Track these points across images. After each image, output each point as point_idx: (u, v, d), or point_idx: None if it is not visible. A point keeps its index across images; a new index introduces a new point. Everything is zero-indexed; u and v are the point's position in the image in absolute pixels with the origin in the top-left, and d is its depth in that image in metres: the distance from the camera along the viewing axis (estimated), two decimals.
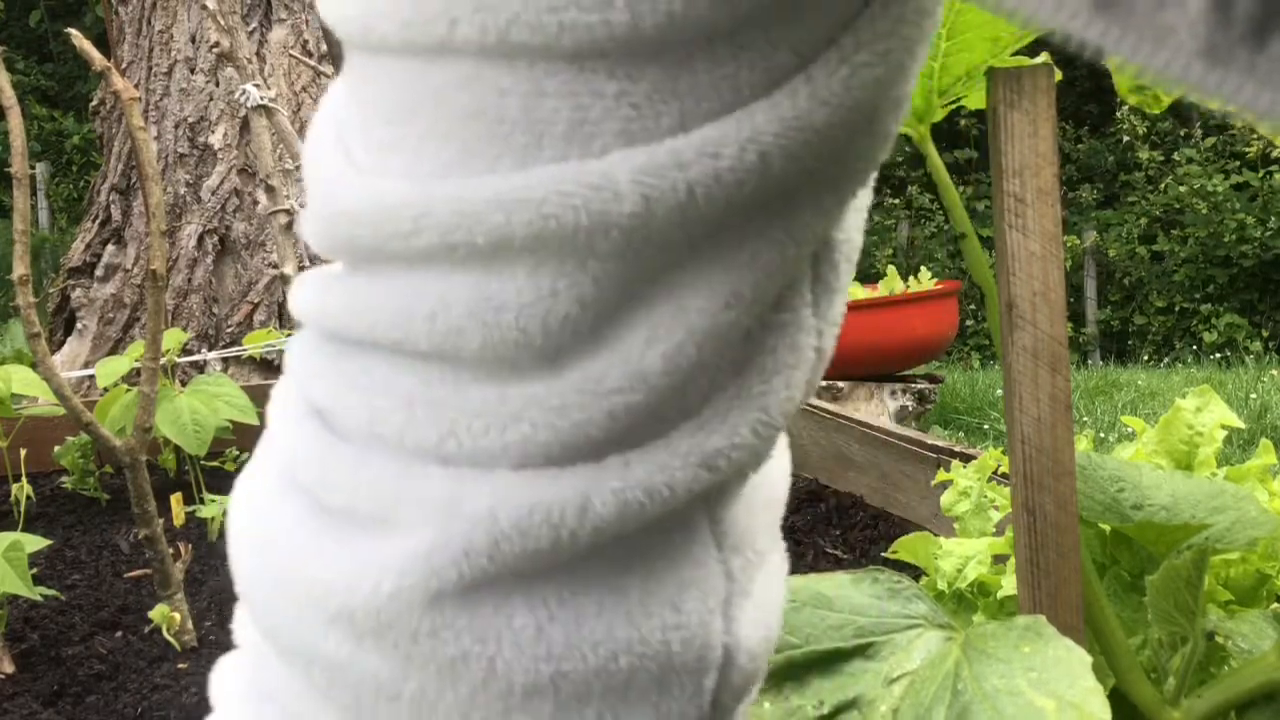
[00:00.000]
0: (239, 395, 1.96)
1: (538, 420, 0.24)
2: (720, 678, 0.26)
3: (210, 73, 3.42)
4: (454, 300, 0.23)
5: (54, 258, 7.17)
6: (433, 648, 0.24)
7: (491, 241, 0.23)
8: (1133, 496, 0.86)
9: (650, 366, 0.24)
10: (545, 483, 0.24)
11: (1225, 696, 0.74)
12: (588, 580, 0.25)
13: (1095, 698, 0.58)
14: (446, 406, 0.24)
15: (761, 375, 0.25)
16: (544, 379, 0.24)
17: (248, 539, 0.28)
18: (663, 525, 0.25)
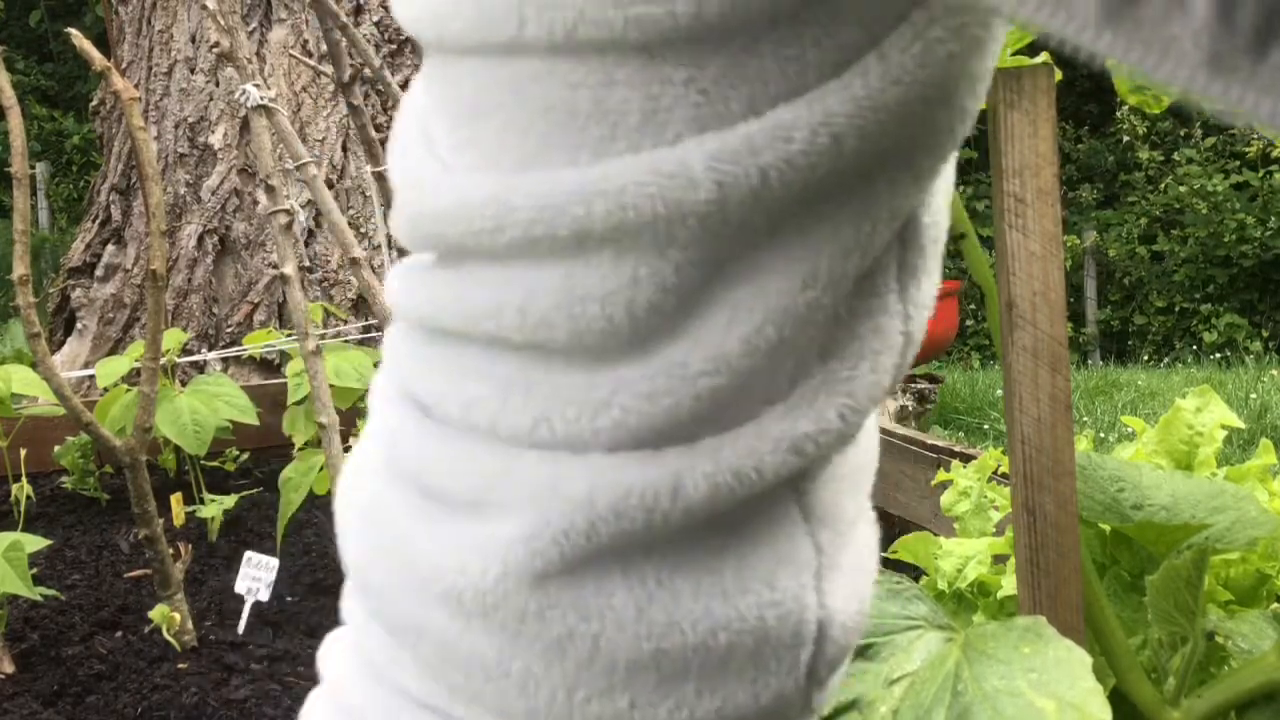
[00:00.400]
0: (239, 395, 1.96)
1: (628, 405, 0.24)
2: (815, 651, 0.27)
3: (210, 73, 3.42)
4: (541, 292, 0.24)
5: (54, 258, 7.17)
6: (539, 628, 0.25)
7: (573, 233, 0.23)
8: (1133, 496, 0.86)
9: (731, 349, 0.24)
10: (639, 465, 0.24)
11: (1225, 696, 0.74)
12: (684, 560, 0.26)
13: (1095, 698, 0.58)
14: (539, 394, 0.25)
15: (847, 360, 0.25)
16: (632, 364, 0.24)
17: (357, 522, 0.28)
18: (753, 505, 0.26)
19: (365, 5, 3.53)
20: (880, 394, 0.26)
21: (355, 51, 2.22)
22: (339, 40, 2.22)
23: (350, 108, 2.32)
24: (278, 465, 2.44)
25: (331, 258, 3.32)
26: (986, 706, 0.60)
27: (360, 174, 3.39)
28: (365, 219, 3.38)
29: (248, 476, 2.44)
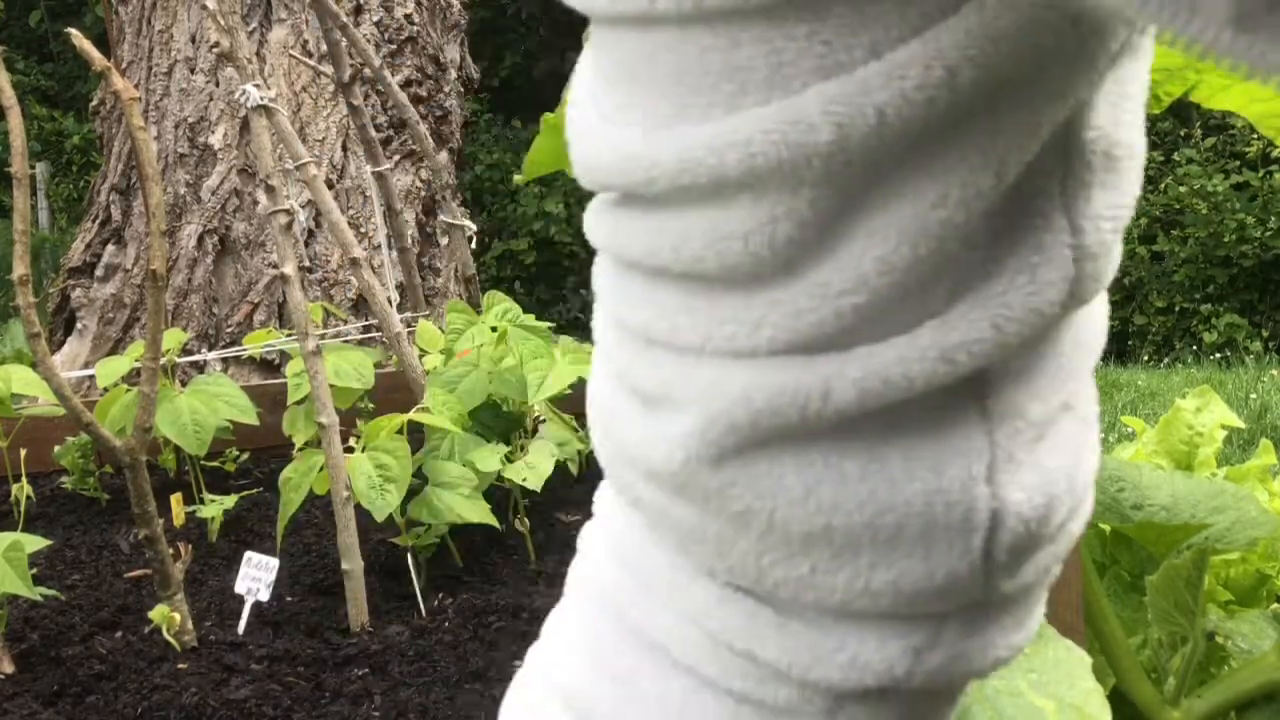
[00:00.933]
0: (239, 395, 1.96)
1: (778, 323, 0.27)
2: (988, 536, 0.29)
3: (210, 73, 3.42)
4: (692, 233, 0.27)
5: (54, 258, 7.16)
6: (721, 502, 0.29)
7: (713, 181, 0.26)
8: (1133, 496, 0.86)
9: (868, 269, 0.26)
10: (794, 368, 0.27)
11: (1225, 696, 0.74)
12: (851, 447, 0.28)
13: (1095, 698, 0.58)
14: (702, 315, 0.28)
15: (1004, 274, 0.27)
16: (779, 288, 0.27)
17: (596, 420, 0.33)
18: (926, 400, 0.28)
19: (365, 5, 3.53)
20: (1044, 305, 0.27)
21: (355, 51, 2.22)
22: (339, 40, 2.22)
23: (350, 108, 2.32)
24: (278, 465, 2.43)
25: (331, 258, 3.32)
26: (987, 707, 0.60)
27: (360, 174, 3.39)
28: (365, 219, 3.38)
29: (248, 476, 2.44)
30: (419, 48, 3.61)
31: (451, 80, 3.76)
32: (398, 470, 1.52)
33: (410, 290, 2.56)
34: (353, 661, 1.43)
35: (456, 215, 2.41)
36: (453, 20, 3.84)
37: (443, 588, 1.68)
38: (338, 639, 1.51)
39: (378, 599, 1.62)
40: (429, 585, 1.67)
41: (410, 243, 2.72)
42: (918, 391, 0.27)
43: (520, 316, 1.90)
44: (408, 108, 2.26)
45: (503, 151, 10.09)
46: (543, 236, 9.75)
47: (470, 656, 1.45)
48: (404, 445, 1.55)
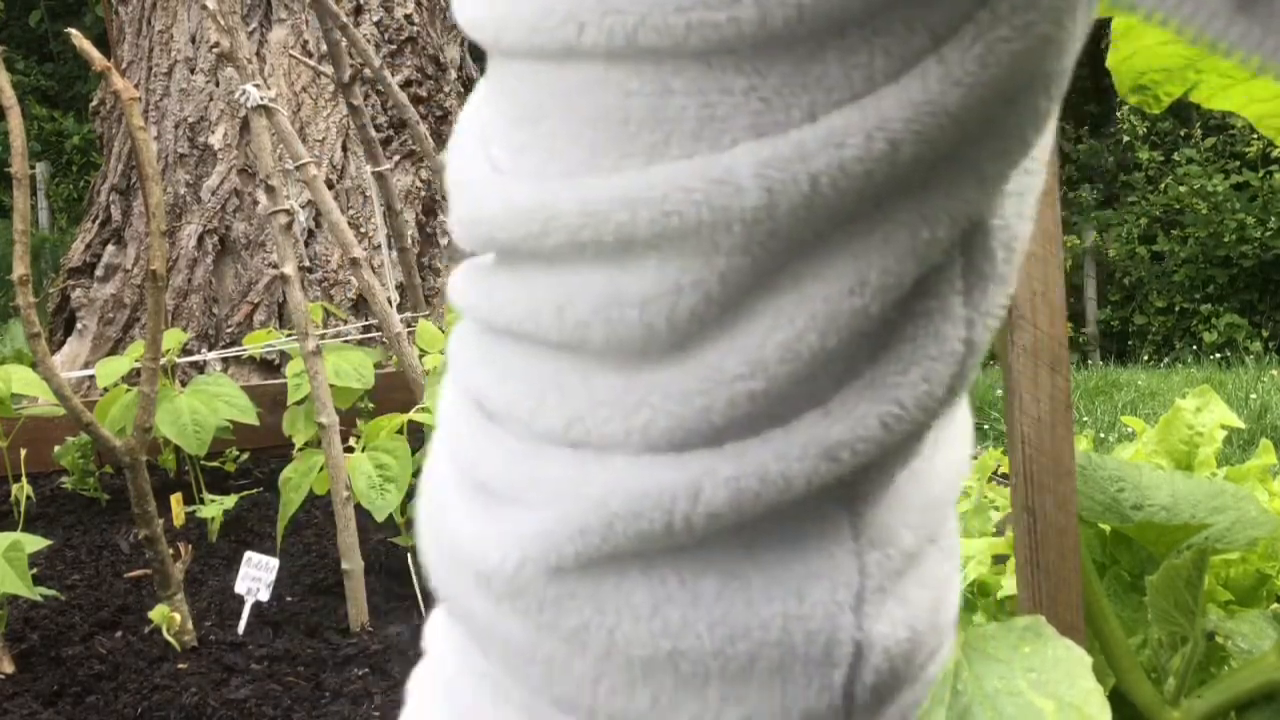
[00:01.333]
0: (239, 395, 1.96)
1: (658, 406, 0.24)
2: (850, 673, 0.26)
3: (210, 73, 3.42)
4: (581, 296, 0.24)
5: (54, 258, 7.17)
6: (556, 616, 0.26)
7: (619, 239, 0.23)
8: (1133, 496, 0.86)
9: (769, 354, 0.24)
10: (660, 469, 0.24)
11: (1225, 697, 0.74)
12: (709, 563, 0.25)
13: (1095, 698, 0.58)
14: (574, 394, 0.25)
15: (898, 365, 0.25)
16: (667, 368, 0.24)
17: (426, 516, 0.29)
18: (793, 514, 0.25)
19: (365, 5, 3.53)
20: (932, 404, 0.25)
21: (355, 51, 2.22)
22: (339, 40, 2.22)
23: (350, 108, 2.32)
24: (278, 465, 2.44)
25: (331, 258, 3.32)
26: (987, 706, 0.60)
27: (360, 174, 3.39)
28: (365, 219, 3.38)
29: (248, 476, 2.44)
30: (419, 48, 3.61)
31: (451, 80, 3.76)
32: (398, 470, 1.52)
33: (410, 290, 2.56)
34: (353, 661, 1.43)
35: None
36: (452, 20, 3.84)
37: None
38: (338, 639, 1.51)
39: (378, 599, 1.62)
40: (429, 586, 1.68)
41: (410, 243, 2.72)
42: (796, 493, 0.24)
43: None
44: (408, 108, 2.26)
45: None
46: None
47: None
48: (404, 445, 1.55)
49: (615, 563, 0.25)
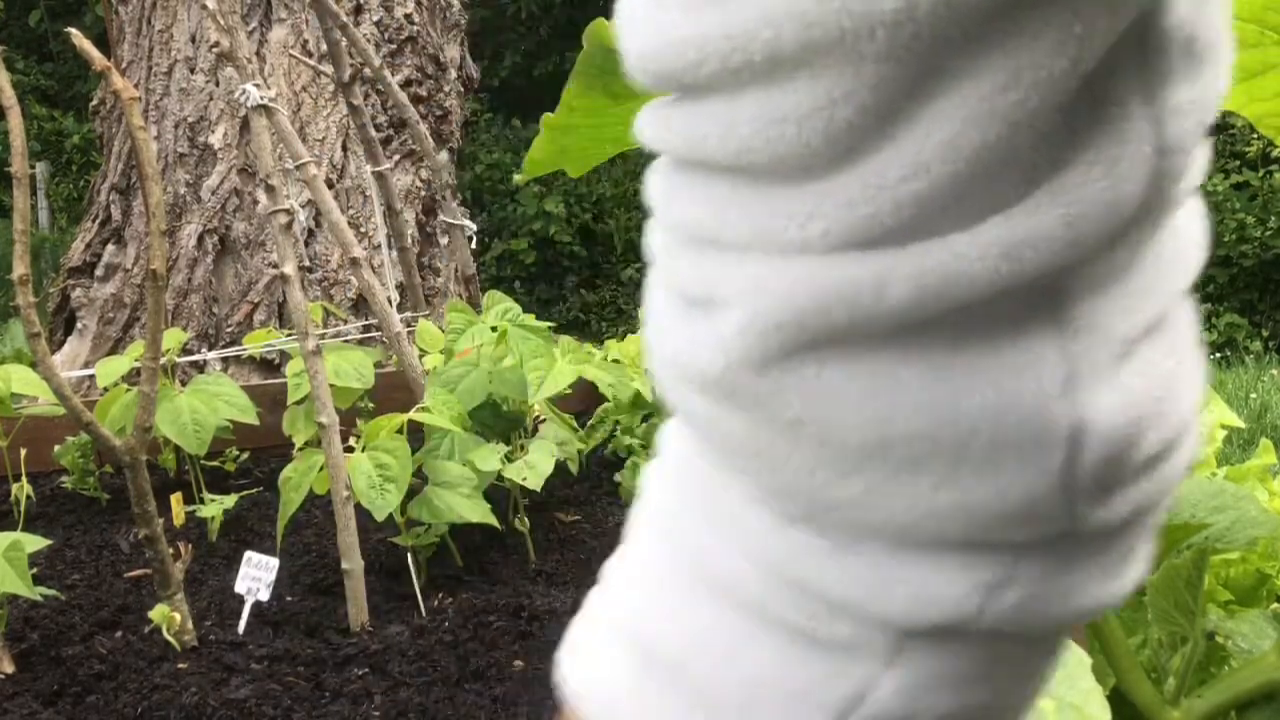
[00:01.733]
0: (239, 395, 1.96)
1: (830, 215, 0.25)
2: (1068, 454, 0.27)
3: (210, 73, 3.42)
4: (742, 119, 0.25)
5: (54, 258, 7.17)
6: (768, 411, 0.27)
7: (766, 59, 0.24)
8: None
9: (930, 155, 0.24)
10: (846, 265, 0.26)
11: (1225, 696, 0.74)
12: (909, 355, 0.26)
13: (1095, 698, 0.58)
14: (750, 209, 0.27)
15: (1080, 169, 0.25)
16: (833, 178, 0.25)
17: (649, 335, 0.32)
18: (994, 310, 0.26)
19: (365, 5, 3.53)
20: (1124, 202, 0.25)
21: (355, 51, 2.22)
22: (339, 40, 2.22)
23: (350, 108, 2.32)
24: (278, 465, 2.43)
25: (331, 258, 3.32)
26: None
27: (360, 174, 3.39)
28: (365, 219, 3.38)
29: (248, 476, 2.44)
30: (419, 47, 3.61)
31: (451, 80, 3.76)
32: (398, 470, 1.52)
33: (410, 290, 2.56)
34: (353, 661, 1.43)
35: (456, 215, 2.41)
36: (453, 20, 3.84)
37: (443, 588, 1.68)
38: (338, 639, 1.51)
39: (378, 599, 1.62)
40: (429, 585, 1.67)
41: (410, 243, 2.71)
42: (980, 293, 0.25)
43: (520, 316, 1.90)
44: (408, 107, 2.26)
45: (503, 151, 10.09)
46: (543, 236, 9.75)
47: (470, 656, 1.45)
48: (404, 445, 1.55)
49: (815, 354, 0.27)
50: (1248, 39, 0.74)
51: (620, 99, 0.74)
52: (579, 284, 9.97)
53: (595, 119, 0.76)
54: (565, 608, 1.59)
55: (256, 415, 1.98)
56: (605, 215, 9.90)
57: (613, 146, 0.82)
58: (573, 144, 0.80)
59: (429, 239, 3.60)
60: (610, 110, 0.75)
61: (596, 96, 0.74)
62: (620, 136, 0.79)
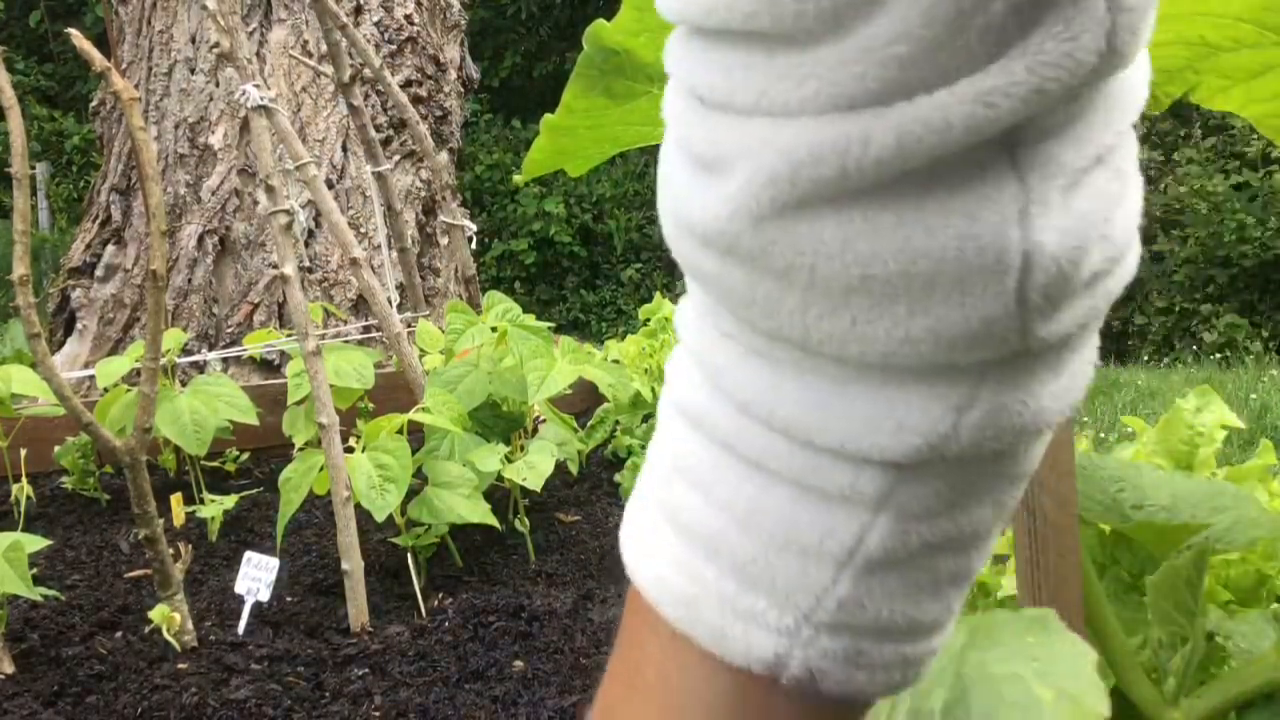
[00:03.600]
0: (239, 395, 1.96)
1: (823, 76, 0.29)
2: (1021, 278, 0.31)
3: (210, 73, 3.42)
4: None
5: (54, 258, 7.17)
6: (767, 260, 0.31)
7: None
8: (1133, 496, 0.86)
9: (914, 20, 0.28)
10: (836, 122, 0.29)
11: (1225, 696, 0.74)
12: (887, 202, 0.30)
13: (1096, 692, 0.58)
14: (758, 71, 0.30)
15: (1045, 30, 0.28)
16: (830, 44, 0.29)
17: (662, 193, 0.35)
18: (958, 158, 0.30)
19: (365, 5, 3.53)
20: (1083, 54, 0.29)
21: (355, 52, 2.22)
22: (339, 40, 2.22)
23: (350, 108, 2.32)
24: (278, 465, 2.43)
25: (331, 258, 3.32)
26: (987, 689, 0.60)
27: (360, 174, 3.39)
28: (365, 219, 3.38)
29: (248, 476, 2.44)
30: (419, 48, 3.61)
31: (451, 80, 3.76)
32: (398, 470, 1.52)
33: (410, 290, 2.56)
34: (353, 661, 1.43)
35: (456, 215, 2.41)
36: (453, 20, 3.84)
37: (443, 588, 1.68)
38: (338, 639, 1.51)
39: (378, 599, 1.62)
40: (429, 585, 1.67)
41: (410, 243, 2.71)
42: (955, 139, 0.29)
43: (520, 316, 1.90)
44: (408, 108, 2.26)
45: (503, 151, 10.09)
46: (543, 236, 9.75)
47: (470, 656, 1.45)
48: (404, 445, 1.55)
49: (807, 208, 0.30)
50: (1247, 39, 0.74)
51: (620, 99, 0.74)
52: (579, 284, 9.97)
53: (595, 119, 0.76)
54: (565, 608, 1.59)
55: (257, 416, 1.98)
56: (605, 215, 9.90)
57: (612, 146, 0.82)
58: (572, 145, 0.80)
59: (429, 239, 3.60)
60: (610, 111, 0.75)
61: (596, 97, 0.74)
62: (620, 136, 0.79)
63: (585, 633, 1.46)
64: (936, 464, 0.33)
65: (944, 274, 0.30)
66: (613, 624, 1.49)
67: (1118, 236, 0.33)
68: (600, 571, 1.78)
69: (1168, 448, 0.98)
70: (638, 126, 0.78)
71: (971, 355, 0.32)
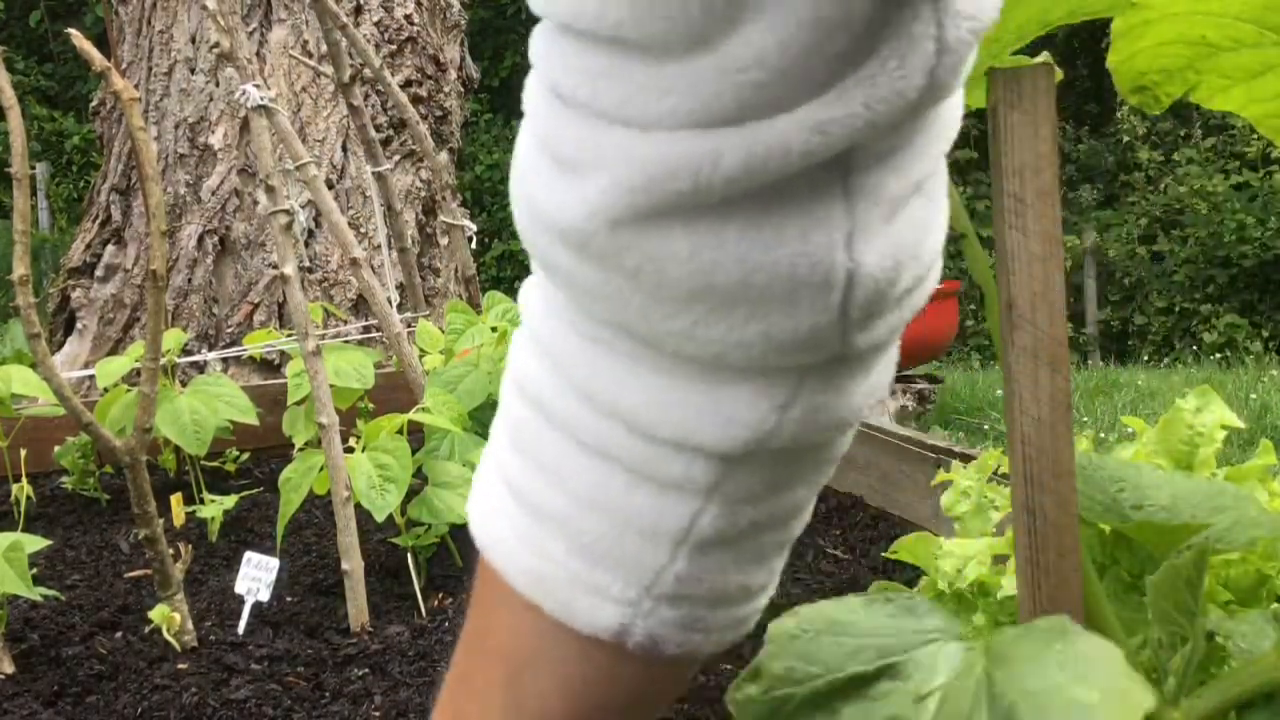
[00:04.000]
0: (239, 395, 1.96)
1: (683, 91, 0.30)
2: (845, 294, 0.33)
3: (210, 73, 3.41)
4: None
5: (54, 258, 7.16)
6: (618, 261, 0.33)
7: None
8: (1133, 496, 0.86)
9: (769, 48, 0.29)
10: (690, 140, 0.31)
11: (1225, 696, 0.74)
12: (732, 216, 0.32)
13: (1136, 685, 0.58)
14: (620, 80, 0.31)
15: (877, 62, 0.30)
16: (690, 61, 0.30)
17: (517, 184, 0.37)
18: (796, 180, 0.32)
19: (365, 5, 3.53)
20: (910, 90, 0.31)
21: (355, 52, 2.22)
22: (339, 40, 2.22)
23: (350, 108, 2.32)
24: (278, 465, 2.43)
25: (331, 258, 3.32)
26: (1030, 705, 0.59)
27: (360, 174, 3.39)
28: (365, 219, 3.38)
29: (248, 476, 2.44)
30: (419, 48, 3.61)
31: (451, 80, 3.76)
32: (398, 470, 1.52)
33: (410, 290, 2.56)
34: (353, 661, 1.43)
35: (456, 215, 2.41)
36: (452, 20, 3.84)
37: (443, 588, 1.68)
38: (338, 639, 1.51)
39: (378, 599, 1.62)
40: (429, 585, 1.67)
41: (410, 243, 2.71)
42: (794, 163, 0.31)
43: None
44: (408, 108, 2.26)
45: (503, 151, 10.08)
46: None
47: None
48: (404, 445, 1.55)
49: (660, 218, 0.32)
50: (1247, 39, 0.74)
51: None
52: None
53: None
54: None
55: (257, 416, 1.98)
56: None
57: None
58: None
59: (429, 239, 3.60)
60: None
61: None
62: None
63: None
64: (761, 455, 0.36)
65: (778, 285, 0.33)
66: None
67: (926, 258, 0.37)
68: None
69: (1167, 448, 0.98)
70: None
71: (796, 359, 0.34)
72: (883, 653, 0.69)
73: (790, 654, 0.70)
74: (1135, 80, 0.82)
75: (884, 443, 2.00)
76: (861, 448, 2.07)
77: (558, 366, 0.38)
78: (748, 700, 0.69)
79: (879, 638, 0.70)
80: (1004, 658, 0.64)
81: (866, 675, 0.69)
